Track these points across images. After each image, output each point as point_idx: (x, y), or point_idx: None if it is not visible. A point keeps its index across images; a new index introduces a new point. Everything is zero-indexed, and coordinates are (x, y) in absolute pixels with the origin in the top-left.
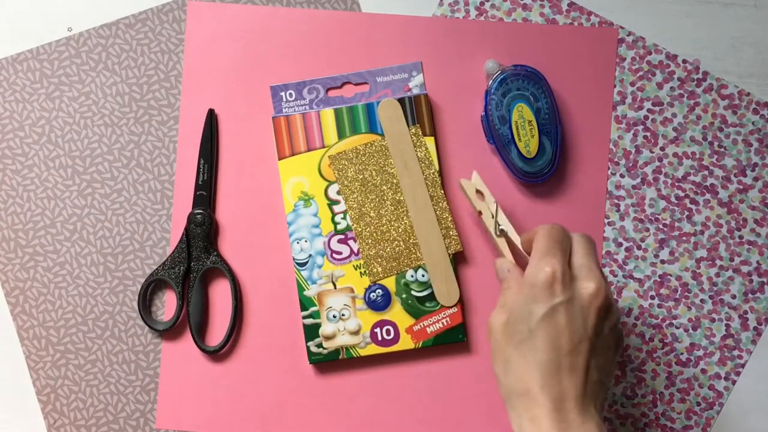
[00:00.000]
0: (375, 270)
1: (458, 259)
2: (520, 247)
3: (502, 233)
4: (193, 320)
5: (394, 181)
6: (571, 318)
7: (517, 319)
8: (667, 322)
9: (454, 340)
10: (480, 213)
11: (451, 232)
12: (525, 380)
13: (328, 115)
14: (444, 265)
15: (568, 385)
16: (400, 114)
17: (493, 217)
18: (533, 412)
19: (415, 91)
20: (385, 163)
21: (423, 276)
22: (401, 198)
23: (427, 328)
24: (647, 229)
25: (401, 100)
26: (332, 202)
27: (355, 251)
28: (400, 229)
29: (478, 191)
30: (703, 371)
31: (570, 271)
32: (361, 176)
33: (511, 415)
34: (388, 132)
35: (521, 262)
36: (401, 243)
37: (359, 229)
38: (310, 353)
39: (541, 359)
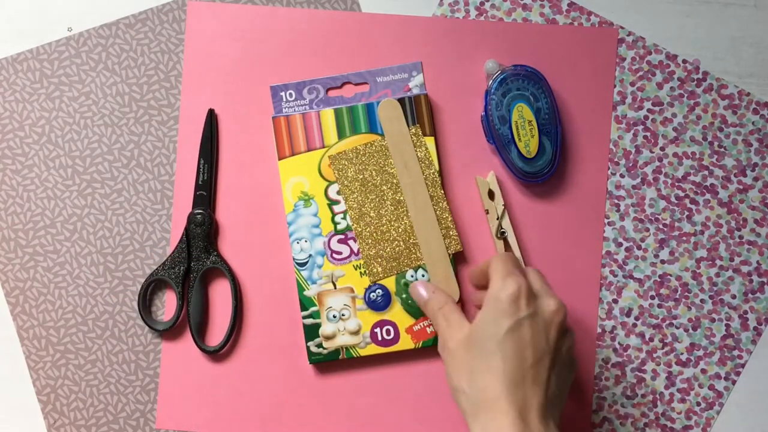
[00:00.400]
0: (375, 270)
1: (458, 259)
2: (517, 250)
3: (503, 236)
4: (193, 320)
5: (394, 181)
6: (535, 332)
7: (481, 333)
8: (667, 322)
9: None
10: (487, 212)
11: (451, 232)
12: (490, 390)
13: (328, 115)
14: (444, 265)
15: (532, 395)
16: (400, 114)
17: (497, 218)
18: (498, 422)
19: (415, 91)
20: (385, 163)
21: (423, 276)
22: (401, 198)
23: (427, 328)
24: (647, 229)
25: (401, 100)
26: (332, 202)
27: (355, 251)
28: (400, 229)
29: (490, 190)
30: (703, 371)
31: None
32: (361, 176)
33: (473, 427)
34: (388, 132)
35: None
36: (401, 243)
37: (359, 229)
38: (310, 353)
39: (506, 370)
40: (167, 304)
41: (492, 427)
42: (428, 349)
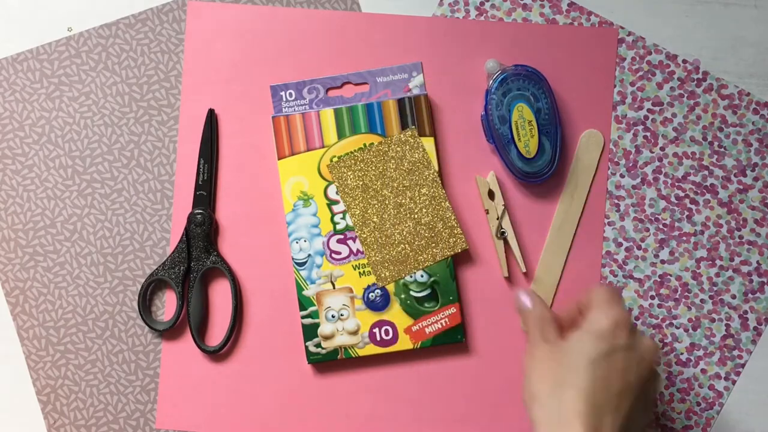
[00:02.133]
0: (383, 275)
1: (458, 260)
2: (517, 252)
3: (502, 236)
4: (193, 320)
5: (395, 184)
6: (627, 364)
7: (576, 350)
8: (667, 322)
9: (452, 341)
10: (487, 212)
11: (455, 231)
12: (570, 406)
13: (327, 114)
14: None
15: (607, 424)
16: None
17: (497, 219)
18: None
19: (415, 92)
20: (384, 167)
21: (422, 276)
22: (403, 201)
23: (426, 329)
24: (647, 229)
25: (401, 101)
26: (331, 202)
27: (354, 251)
28: (405, 232)
29: (490, 190)
30: (703, 371)
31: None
32: (361, 182)
33: None
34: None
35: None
36: (407, 246)
37: (364, 236)
38: (308, 353)
39: (591, 391)
40: (167, 304)
41: None
42: (427, 349)
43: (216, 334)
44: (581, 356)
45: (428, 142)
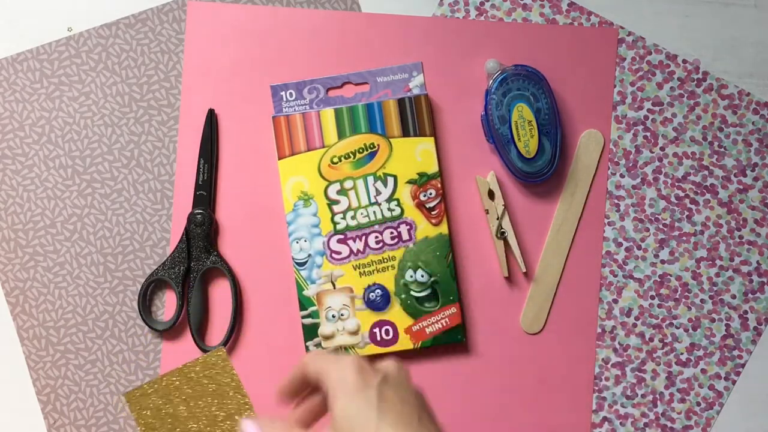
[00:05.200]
0: None
1: (458, 260)
2: (517, 252)
3: (503, 236)
4: (193, 320)
5: (201, 416)
6: (397, 393)
7: (354, 419)
8: (667, 322)
9: (453, 341)
10: (487, 211)
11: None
12: None
13: (328, 114)
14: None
15: None
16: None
17: (497, 219)
18: None
19: (416, 92)
20: (190, 393)
21: (422, 276)
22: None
23: (426, 329)
24: (647, 229)
25: (401, 101)
26: (332, 202)
27: (355, 251)
28: None
29: (490, 190)
30: (703, 371)
31: None
32: (163, 415)
33: None
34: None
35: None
36: None
37: None
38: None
39: None
40: (167, 304)
41: None
42: (427, 349)
43: (216, 334)
44: (365, 421)
45: (428, 142)
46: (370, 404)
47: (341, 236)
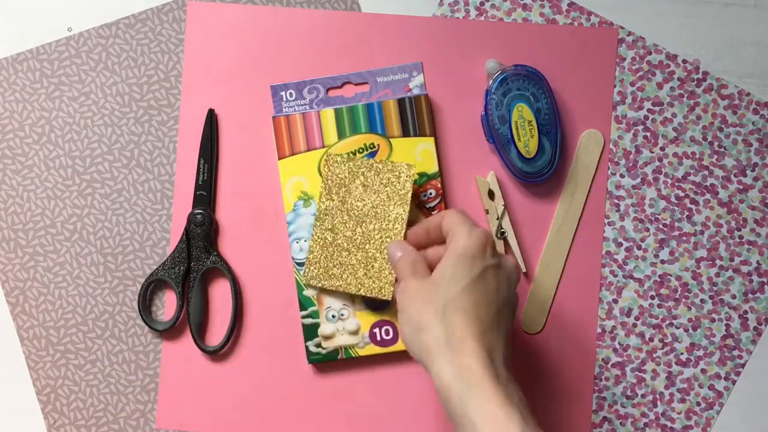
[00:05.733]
0: (312, 273)
1: None
2: (517, 252)
3: (503, 236)
4: (193, 320)
5: (371, 203)
6: (498, 282)
7: (451, 276)
8: (667, 322)
9: None
10: (487, 211)
11: (391, 279)
12: (459, 330)
13: (328, 114)
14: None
15: (496, 341)
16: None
17: (498, 218)
18: (465, 362)
19: (416, 92)
20: (371, 183)
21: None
22: (369, 222)
23: None
24: (647, 229)
25: (401, 101)
26: None
27: None
28: (353, 249)
29: (490, 190)
30: (703, 371)
31: None
32: (346, 182)
33: (437, 364)
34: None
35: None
36: (348, 261)
37: (317, 229)
38: (308, 353)
39: (477, 313)
40: (167, 304)
41: (460, 365)
42: None
43: (216, 334)
44: (459, 280)
45: (428, 142)
46: (467, 273)
47: None
